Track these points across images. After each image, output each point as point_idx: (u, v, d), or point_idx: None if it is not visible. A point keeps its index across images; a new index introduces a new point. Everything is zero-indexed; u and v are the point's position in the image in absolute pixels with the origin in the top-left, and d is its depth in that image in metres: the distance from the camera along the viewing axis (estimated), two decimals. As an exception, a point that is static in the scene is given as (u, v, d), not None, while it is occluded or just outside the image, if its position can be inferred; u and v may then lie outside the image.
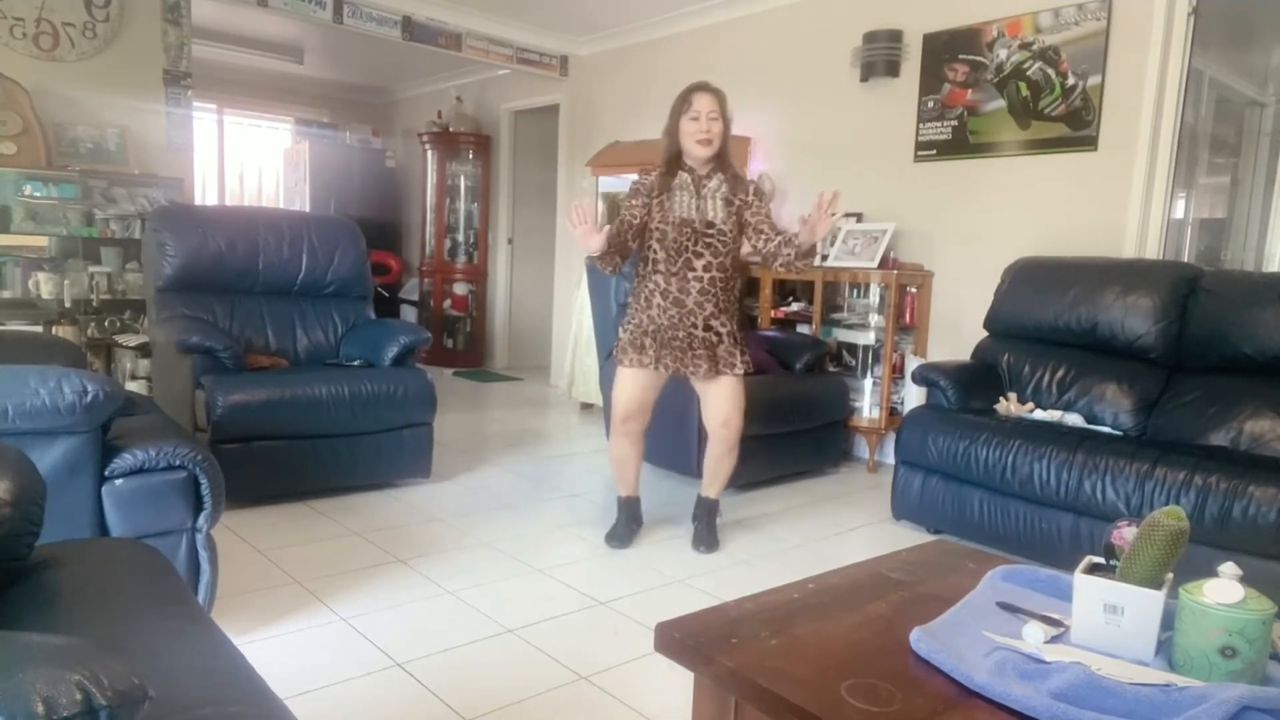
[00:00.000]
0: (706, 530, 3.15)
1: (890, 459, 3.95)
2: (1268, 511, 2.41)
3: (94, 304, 4.40)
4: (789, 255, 2.88)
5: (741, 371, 2.98)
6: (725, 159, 2.94)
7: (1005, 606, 1.37)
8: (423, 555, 2.90)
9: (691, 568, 2.92)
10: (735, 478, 3.77)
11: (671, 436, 3.18)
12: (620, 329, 3.07)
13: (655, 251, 2.95)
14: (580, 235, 2.75)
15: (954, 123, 4.24)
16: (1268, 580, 1.31)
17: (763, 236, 2.93)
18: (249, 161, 8.24)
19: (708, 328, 2.93)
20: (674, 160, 2.94)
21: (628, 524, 3.17)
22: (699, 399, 3.10)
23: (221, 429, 3.16)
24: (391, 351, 3.73)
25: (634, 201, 2.94)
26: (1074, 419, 3.28)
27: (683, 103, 2.90)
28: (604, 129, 6.12)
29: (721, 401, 3.00)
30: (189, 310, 3.64)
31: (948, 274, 4.32)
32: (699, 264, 2.90)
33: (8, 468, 1.21)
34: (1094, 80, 3.75)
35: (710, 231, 2.90)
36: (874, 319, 4.39)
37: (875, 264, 4.24)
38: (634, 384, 2.99)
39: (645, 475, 4.00)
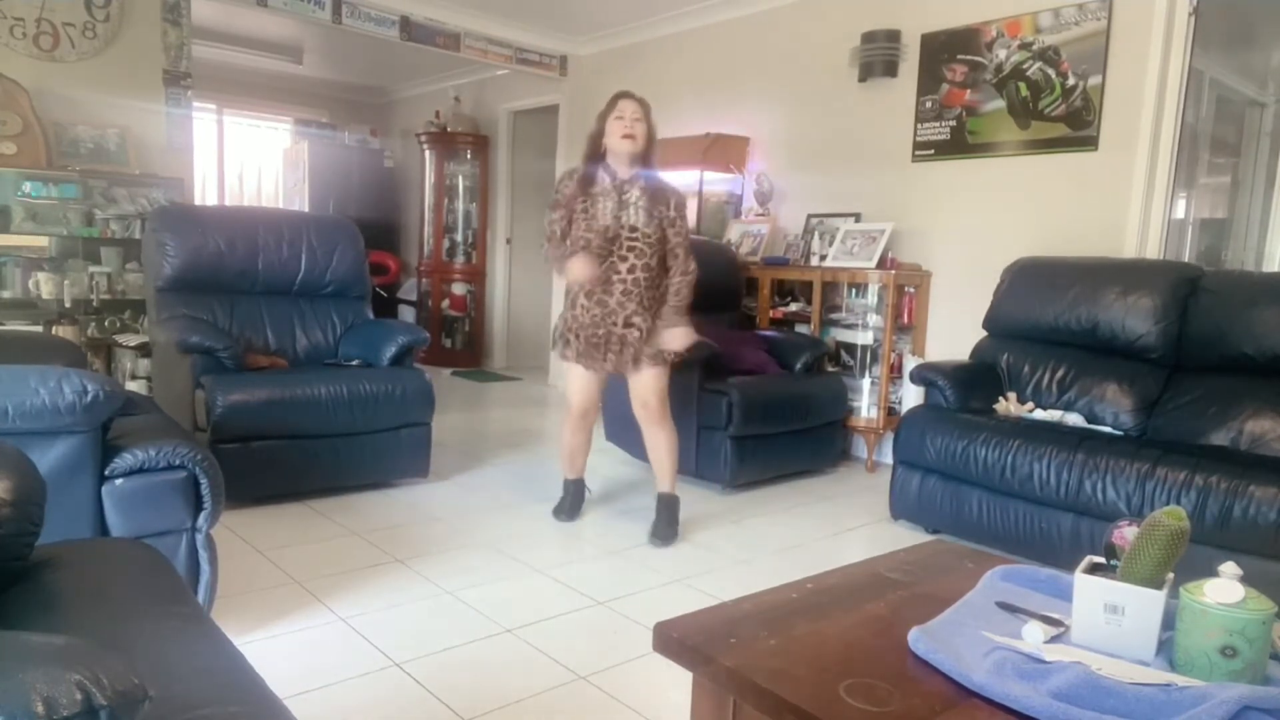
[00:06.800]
0: (664, 524, 3.19)
1: (889, 459, 3.95)
2: (1268, 511, 2.41)
3: (94, 304, 4.40)
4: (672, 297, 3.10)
5: (665, 361, 3.12)
6: (650, 163, 3.08)
7: (1004, 606, 1.37)
8: (421, 555, 2.90)
9: (690, 568, 2.92)
10: (734, 477, 3.80)
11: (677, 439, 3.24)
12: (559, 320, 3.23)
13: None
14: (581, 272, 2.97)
15: (952, 123, 4.24)
16: (1268, 580, 1.31)
17: (676, 260, 3.09)
18: (249, 161, 8.24)
19: (628, 324, 3.05)
20: (596, 160, 3.06)
21: (575, 500, 3.41)
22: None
23: (221, 429, 3.16)
24: (390, 351, 3.73)
25: (555, 215, 3.10)
26: (1074, 419, 3.28)
27: (609, 107, 3.10)
28: (603, 129, 6.12)
29: (638, 388, 3.15)
30: (189, 310, 3.64)
31: (946, 274, 4.32)
32: (623, 267, 3.02)
33: (8, 468, 1.21)
34: (1094, 80, 3.75)
35: (634, 235, 3.02)
36: (872, 319, 4.39)
37: (874, 264, 4.24)
38: (583, 382, 3.17)
39: (644, 476, 4.02)
